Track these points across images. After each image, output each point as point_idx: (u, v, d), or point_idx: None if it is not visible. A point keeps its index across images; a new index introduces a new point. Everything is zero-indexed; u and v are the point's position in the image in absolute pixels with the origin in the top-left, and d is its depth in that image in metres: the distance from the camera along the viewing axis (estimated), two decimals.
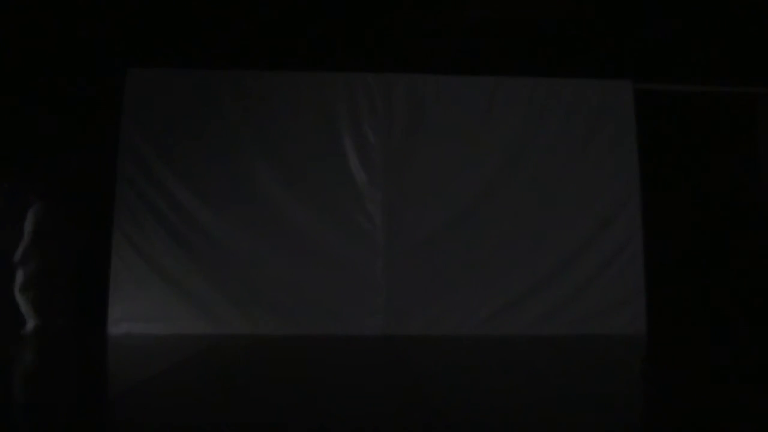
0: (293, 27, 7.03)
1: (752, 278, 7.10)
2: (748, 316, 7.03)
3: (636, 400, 4.33)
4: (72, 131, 6.79)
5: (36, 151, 6.84)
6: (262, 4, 6.99)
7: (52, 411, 3.71)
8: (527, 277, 6.71)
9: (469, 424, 3.44)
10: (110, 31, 6.85)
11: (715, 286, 7.04)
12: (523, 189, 6.81)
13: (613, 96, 6.98)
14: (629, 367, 5.43)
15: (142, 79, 6.75)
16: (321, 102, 6.84)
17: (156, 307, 6.46)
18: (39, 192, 6.67)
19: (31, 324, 6.46)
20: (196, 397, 4.13)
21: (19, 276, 6.47)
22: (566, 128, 6.91)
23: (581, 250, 6.76)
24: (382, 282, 6.66)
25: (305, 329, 6.49)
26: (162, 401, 3.98)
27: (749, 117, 7.41)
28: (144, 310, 6.44)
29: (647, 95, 7.06)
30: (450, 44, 7.07)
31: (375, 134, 6.84)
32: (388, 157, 6.82)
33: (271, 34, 7.01)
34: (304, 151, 6.77)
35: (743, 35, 7.15)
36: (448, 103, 6.89)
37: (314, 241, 6.67)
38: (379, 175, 6.79)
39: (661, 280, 6.85)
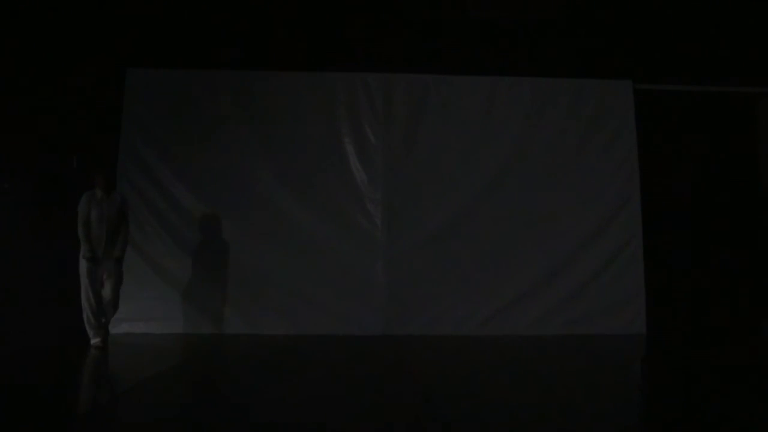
0: (293, 27, 7.03)
1: (752, 278, 7.10)
2: (748, 315, 7.03)
3: (635, 400, 4.33)
4: (72, 131, 6.77)
5: (35, 151, 6.82)
6: (262, 4, 6.99)
7: (53, 410, 3.71)
8: (527, 277, 6.70)
9: (469, 424, 3.45)
10: (110, 31, 6.85)
11: (715, 286, 7.04)
12: (523, 189, 6.79)
13: (613, 96, 6.97)
14: (629, 367, 5.43)
15: (142, 79, 6.75)
16: (321, 102, 6.84)
17: (156, 307, 6.45)
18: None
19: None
20: (196, 397, 4.14)
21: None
22: (566, 128, 6.89)
23: (581, 250, 6.75)
24: (382, 282, 6.66)
25: (305, 329, 6.48)
26: (162, 401, 3.98)
27: (749, 117, 7.41)
28: (144, 310, 6.44)
29: (647, 95, 7.06)
30: (450, 44, 7.07)
31: (375, 134, 6.84)
32: (388, 157, 6.81)
33: (271, 34, 7.01)
34: (304, 151, 6.76)
35: (743, 35, 7.14)
36: (448, 103, 6.88)
37: (314, 241, 6.66)
38: (379, 175, 6.79)
39: (661, 280, 6.85)
